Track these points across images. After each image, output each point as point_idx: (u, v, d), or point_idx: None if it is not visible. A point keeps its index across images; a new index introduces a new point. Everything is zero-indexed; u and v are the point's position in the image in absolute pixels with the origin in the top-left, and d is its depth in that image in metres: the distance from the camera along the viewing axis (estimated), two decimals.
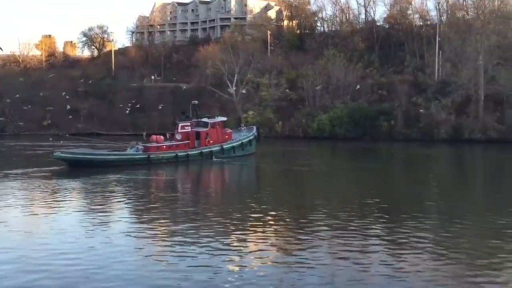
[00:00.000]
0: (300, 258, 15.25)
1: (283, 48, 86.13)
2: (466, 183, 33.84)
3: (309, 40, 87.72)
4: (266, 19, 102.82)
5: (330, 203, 24.48)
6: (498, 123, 59.74)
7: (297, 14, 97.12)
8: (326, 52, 76.88)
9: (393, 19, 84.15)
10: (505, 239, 17.22)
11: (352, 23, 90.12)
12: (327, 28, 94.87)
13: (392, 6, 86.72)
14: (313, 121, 68.97)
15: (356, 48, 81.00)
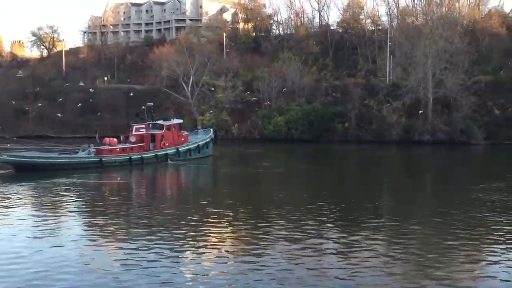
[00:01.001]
0: (256, 260, 15.23)
1: (239, 50, 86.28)
2: (416, 184, 34.91)
3: (265, 43, 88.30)
4: (222, 21, 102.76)
5: (285, 205, 24.63)
6: (446, 125, 62.02)
7: (253, 16, 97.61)
8: (281, 54, 77.55)
9: (346, 23, 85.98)
10: (454, 239, 17.83)
11: (306, 27, 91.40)
12: (282, 31, 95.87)
13: (345, 11, 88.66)
14: (269, 123, 69.42)
15: (310, 51, 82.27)
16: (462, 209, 22.45)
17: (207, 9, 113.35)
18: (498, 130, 61.19)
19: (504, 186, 28.88)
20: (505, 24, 75.71)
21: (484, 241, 17.61)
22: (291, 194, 29.21)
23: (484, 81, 65.05)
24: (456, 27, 70.14)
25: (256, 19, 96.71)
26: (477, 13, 79.40)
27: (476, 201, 24.53)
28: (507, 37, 73.12)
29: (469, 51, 64.99)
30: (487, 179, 31.77)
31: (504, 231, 18.56)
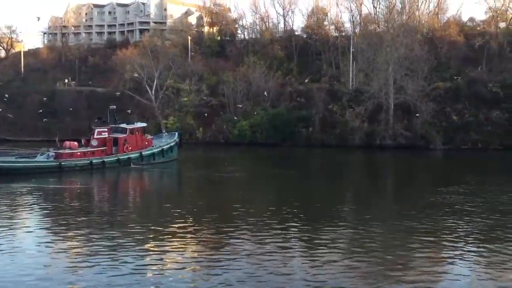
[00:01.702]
0: (219, 264, 15.13)
1: (204, 54, 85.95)
2: (378, 188, 35.58)
3: (230, 47, 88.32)
4: (187, 24, 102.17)
5: (249, 208, 24.62)
6: (406, 130, 63.54)
7: (218, 20, 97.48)
8: (246, 59, 77.73)
9: (310, 29, 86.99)
10: (415, 242, 18.23)
11: (271, 32, 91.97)
12: (247, 35, 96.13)
13: (310, 17, 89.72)
14: (234, 127, 69.41)
15: (275, 56, 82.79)
16: (422, 212, 23.00)
17: (171, 12, 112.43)
18: (455, 135, 63.22)
19: (461, 189, 29.79)
20: (462, 33, 78.34)
21: (443, 243, 18.08)
22: (255, 197, 29.22)
23: (442, 88, 67.09)
24: (416, 35, 72.10)
25: (221, 23, 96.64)
26: (436, 21, 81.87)
27: (436, 204, 25.20)
28: (464, 45, 75.69)
29: (429, 58, 66.97)
30: (446, 183, 32.72)
31: (462, 233, 19.13)
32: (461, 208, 24.06)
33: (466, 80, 68.29)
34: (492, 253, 16.24)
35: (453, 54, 73.87)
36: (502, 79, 67.02)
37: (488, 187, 31.65)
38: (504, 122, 63.45)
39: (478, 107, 64.84)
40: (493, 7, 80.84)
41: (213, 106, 73.68)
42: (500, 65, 71.56)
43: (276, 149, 61.76)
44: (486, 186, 31.90)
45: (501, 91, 65.12)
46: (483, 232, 19.33)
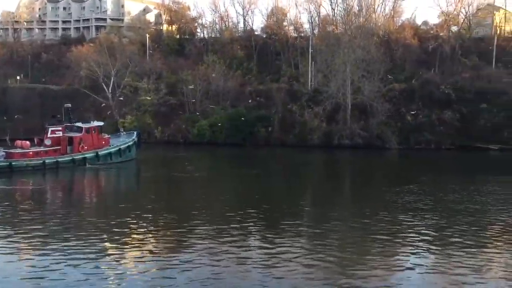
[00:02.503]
0: (177, 265, 14.93)
1: (163, 52, 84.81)
2: (336, 187, 36.11)
3: (189, 46, 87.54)
4: (145, 22, 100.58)
5: (208, 208, 24.45)
6: (363, 130, 64.87)
7: (177, 19, 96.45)
8: (206, 58, 77.27)
9: (270, 29, 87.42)
10: (372, 240, 18.59)
11: (231, 31, 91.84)
12: (207, 34, 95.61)
13: (269, 17, 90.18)
14: (193, 126, 68.85)
15: (235, 56, 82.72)
16: (379, 211, 23.49)
17: (129, 9, 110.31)
18: (410, 135, 65.07)
19: (416, 188, 30.65)
20: (416, 36, 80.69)
21: (398, 240, 18.52)
22: (214, 197, 29.05)
23: (397, 89, 68.93)
24: (373, 37, 73.70)
25: (180, 21, 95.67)
26: (392, 24, 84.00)
27: (391, 203, 25.80)
28: (419, 48, 78.02)
29: (384, 60, 68.67)
30: (401, 182, 33.60)
31: (416, 230, 19.65)
32: (415, 207, 24.73)
33: (420, 82, 70.38)
34: (443, 249, 16.76)
35: (408, 56, 76.00)
36: (454, 81, 69.51)
37: (440, 186, 32.73)
38: (456, 123, 65.83)
39: (431, 108, 66.98)
40: (446, 12, 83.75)
41: (172, 105, 72.83)
42: (452, 68, 74.25)
43: (236, 149, 61.69)
44: (438, 185, 32.99)
45: (453, 92, 67.54)
46: (435, 229, 19.93)
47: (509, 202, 26.04)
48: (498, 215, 22.61)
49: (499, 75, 71.12)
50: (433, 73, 72.63)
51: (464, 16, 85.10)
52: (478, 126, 65.85)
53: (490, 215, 22.69)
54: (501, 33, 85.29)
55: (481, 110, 67.00)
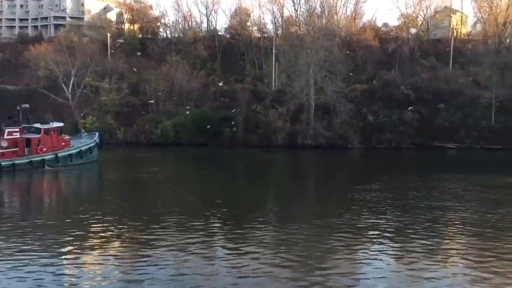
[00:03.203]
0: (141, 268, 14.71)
1: (124, 51, 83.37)
2: (300, 187, 36.44)
3: (152, 45, 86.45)
4: (106, 20, 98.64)
5: (173, 210, 24.20)
6: (326, 130, 65.73)
7: (139, 18, 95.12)
8: (169, 58, 76.49)
9: (233, 29, 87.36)
10: (335, 239, 18.84)
11: (195, 31, 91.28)
12: (170, 34, 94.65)
13: (233, 17, 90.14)
14: (157, 127, 67.99)
15: (199, 56, 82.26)
16: (342, 210, 23.86)
17: (89, 7, 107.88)
18: (371, 135, 66.40)
19: (377, 187, 31.29)
20: (377, 37, 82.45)
21: (361, 238, 18.85)
22: (179, 198, 28.78)
23: (359, 89, 70.24)
24: (335, 38, 74.79)
25: (142, 20, 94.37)
26: (353, 25, 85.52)
27: (354, 201, 26.24)
28: (379, 49, 79.74)
29: (346, 61, 69.83)
30: (364, 181, 34.21)
31: (378, 228, 20.06)
32: (377, 205, 25.24)
33: (380, 82, 71.94)
34: (403, 244, 17.17)
35: (369, 57, 77.53)
36: (413, 81, 71.44)
37: (401, 184, 33.56)
38: (415, 122, 67.62)
39: (391, 108, 68.54)
40: (405, 14, 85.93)
41: (135, 105, 71.72)
42: (411, 69, 76.28)
43: (200, 149, 61.34)
44: (399, 183, 33.80)
45: (412, 93, 69.43)
46: (397, 226, 20.40)
47: (465, 199, 26.95)
48: (456, 212, 23.36)
49: (455, 76, 73.57)
50: (393, 74, 74.37)
51: (423, 18, 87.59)
52: (436, 126, 67.87)
53: (448, 212, 23.41)
54: (458, 35, 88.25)
55: (439, 110, 69.10)
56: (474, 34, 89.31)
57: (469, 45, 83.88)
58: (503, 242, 17.56)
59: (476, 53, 78.82)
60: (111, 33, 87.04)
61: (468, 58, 77.68)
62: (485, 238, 18.18)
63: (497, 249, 16.56)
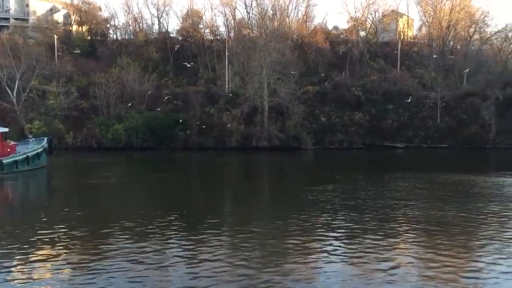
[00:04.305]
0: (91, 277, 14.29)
1: (73, 54, 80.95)
2: (255, 189, 36.57)
3: (101, 47, 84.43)
4: (52, 22, 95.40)
5: (127, 215, 23.67)
6: (280, 132, 66.40)
7: (87, 19, 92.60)
8: (120, 60, 74.96)
9: (185, 31, 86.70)
10: (291, 242, 19.00)
11: (146, 33, 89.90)
12: (120, 36, 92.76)
13: (184, 19, 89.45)
14: (108, 131, 66.44)
15: (150, 58, 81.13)
16: (297, 211, 24.10)
17: (34, 8, 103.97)
18: (324, 136, 67.72)
19: (331, 187, 31.86)
20: (328, 40, 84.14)
21: (315, 239, 19.11)
22: (132, 204, 28.19)
23: (312, 91, 71.46)
24: (287, 40, 75.72)
25: (91, 22, 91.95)
26: (305, 28, 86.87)
27: (308, 202, 26.59)
28: (330, 51, 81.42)
29: (299, 63, 70.90)
30: (318, 182, 34.75)
31: (332, 228, 20.40)
32: (331, 205, 25.68)
33: (332, 84, 73.46)
34: (356, 242, 17.54)
35: (321, 59, 78.99)
36: (363, 83, 73.42)
37: (353, 183, 34.32)
38: (365, 123, 69.56)
39: (343, 110, 70.13)
40: (354, 17, 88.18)
41: (84, 109, 69.78)
42: (361, 71, 78.41)
43: (153, 153, 60.44)
44: (352, 183, 34.56)
45: (362, 94, 71.35)
46: (349, 225, 20.81)
47: (414, 197, 27.88)
48: (406, 209, 24.10)
49: (403, 78, 76.18)
50: (344, 76, 76.14)
51: (371, 22, 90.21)
52: (385, 126, 70.06)
53: (398, 210, 24.12)
54: (404, 38, 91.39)
55: (388, 110, 71.35)
56: (420, 37, 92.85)
57: (415, 48, 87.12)
58: (450, 237, 18.26)
59: (422, 55, 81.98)
60: (58, 35, 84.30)
61: (414, 60, 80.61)
62: (433, 234, 18.85)
63: (445, 244, 17.20)
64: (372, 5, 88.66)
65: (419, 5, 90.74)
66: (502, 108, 70.55)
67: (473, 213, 22.50)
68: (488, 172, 40.65)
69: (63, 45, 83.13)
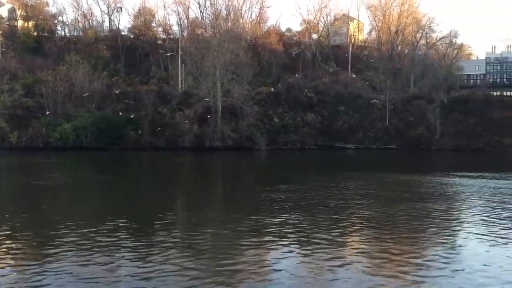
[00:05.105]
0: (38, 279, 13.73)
1: (17, 50, 77.76)
2: (208, 190, 36.35)
3: (49, 44, 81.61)
4: None
5: (75, 217, 22.91)
6: (234, 133, 66.44)
7: (34, 14, 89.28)
8: (68, 57, 72.70)
9: (137, 30, 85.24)
10: (245, 242, 18.99)
11: (96, 30, 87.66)
12: (68, 32, 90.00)
13: (136, 17, 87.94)
14: (55, 130, 64.26)
15: (100, 56, 79.19)
16: (250, 212, 24.11)
17: None
18: (277, 136, 68.31)
19: (284, 187, 32.10)
20: (281, 42, 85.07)
21: (270, 240, 19.18)
22: (80, 206, 27.31)
23: (265, 92, 71.98)
24: (241, 41, 75.93)
25: (38, 17, 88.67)
26: (258, 29, 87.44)
27: (261, 203, 26.66)
28: (284, 53, 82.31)
29: (252, 64, 71.22)
30: (270, 182, 34.94)
31: (287, 229, 20.55)
32: (283, 206, 25.86)
33: (285, 85, 74.31)
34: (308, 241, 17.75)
35: (274, 61, 79.71)
36: (315, 85, 74.67)
37: (305, 184, 34.73)
38: (317, 124, 70.84)
39: (296, 111, 71.08)
40: (307, 20, 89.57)
41: (30, 107, 67.17)
42: (313, 73, 79.72)
43: (103, 153, 58.91)
44: (304, 183, 34.97)
45: (315, 96, 72.56)
46: (301, 225, 21.04)
47: (364, 197, 28.54)
48: (356, 209, 24.62)
49: (354, 80, 78.13)
50: (297, 77, 77.19)
51: (323, 25, 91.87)
52: (337, 127, 71.56)
53: (349, 209, 24.61)
54: (355, 42, 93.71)
55: (339, 112, 72.90)
56: (370, 41, 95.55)
57: (365, 51, 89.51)
58: (399, 235, 18.80)
59: (371, 59, 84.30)
60: (2, 31, 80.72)
61: (364, 63, 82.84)
62: (382, 232, 19.33)
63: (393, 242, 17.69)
64: (324, 9, 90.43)
65: (369, 10, 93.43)
66: (446, 110, 73.62)
67: (419, 212, 23.27)
68: (433, 172, 42.26)
69: (8, 41, 79.76)
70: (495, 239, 17.59)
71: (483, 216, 21.96)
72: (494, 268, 14.16)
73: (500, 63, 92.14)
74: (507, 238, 17.85)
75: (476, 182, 34.51)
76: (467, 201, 26.57)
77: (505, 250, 16.28)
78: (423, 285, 13.03)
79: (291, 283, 13.63)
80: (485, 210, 23.52)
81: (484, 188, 31.30)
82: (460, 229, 19.88)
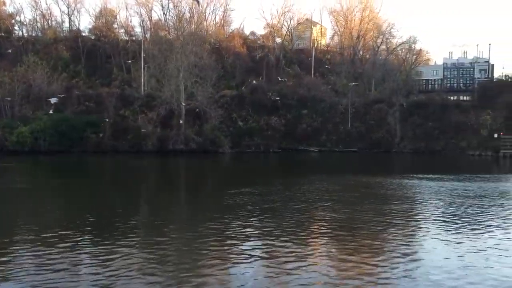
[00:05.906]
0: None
1: None
2: (172, 194, 35.94)
3: (5, 44, 79.06)
4: None
5: (35, 223, 22.19)
6: (197, 136, 66.04)
7: None
8: (26, 58, 70.57)
9: (99, 31, 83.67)
10: (208, 244, 18.87)
11: (55, 30, 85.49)
12: (26, 32, 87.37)
13: (98, 18, 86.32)
14: (12, 133, 62.16)
15: (60, 57, 77.30)
16: (213, 216, 23.98)
17: None
18: (241, 139, 68.37)
19: (247, 190, 32.10)
20: (245, 45, 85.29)
21: (234, 243, 19.13)
22: (39, 211, 26.47)
23: (229, 95, 71.94)
24: (205, 44, 75.67)
25: None
26: (222, 32, 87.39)
27: (225, 206, 26.56)
28: (247, 56, 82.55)
29: (216, 67, 71.09)
30: (234, 186, 34.87)
31: (249, 232, 20.54)
32: (247, 209, 25.85)
33: (249, 88, 74.49)
34: (270, 248, 17.81)
35: (238, 64, 79.81)
36: (279, 88, 75.19)
37: (269, 187, 34.83)
38: (281, 127, 71.32)
39: (259, 114, 71.34)
40: (271, 24, 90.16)
41: None
42: (277, 76, 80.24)
43: (62, 157, 57.37)
44: (268, 186, 35.06)
45: (279, 99, 73.07)
46: (265, 229, 21.09)
47: (329, 199, 28.88)
48: (320, 212, 24.88)
49: (317, 84, 79.16)
50: (261, 81, 77.56)
51: (287, 29, 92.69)
52: (300, 130, 72.25)
53: (313, 212, 24.84)
54: (318, 46, 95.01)
55: (303, 115, 73.67)
56: (332, 45, 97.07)
57: (328, 56, 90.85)
58: (360, 237, 19.10)
59: (334, 63, 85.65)
60: None
61: (327, 67, 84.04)
62: (344, 234, 19.60)
63: (355, 243, 17.96)
64: (288, 13, 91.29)
65: (331, 15, 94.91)
66: (406, 114, 75.54)
67: (380, 213, 23.73)
68: (393, 174, 43.23)
69: None
70: (452, 238, 18.17)
71: (441, 216, 22.63)
72: (451, 265, 14.63)
73: (457, 69, 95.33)
74: (463, 236, 18.47)
75: (434, 184, 35.53)
76: (426, 202, 27.31)
77: (460, 248, 16.83)
78: (384, 286, 13.29)
79: (253, 285, 13.64)
80: (442, 211, 24.25)
81: (442, 189, 32.27)
82: (419, 229, 20.40)
